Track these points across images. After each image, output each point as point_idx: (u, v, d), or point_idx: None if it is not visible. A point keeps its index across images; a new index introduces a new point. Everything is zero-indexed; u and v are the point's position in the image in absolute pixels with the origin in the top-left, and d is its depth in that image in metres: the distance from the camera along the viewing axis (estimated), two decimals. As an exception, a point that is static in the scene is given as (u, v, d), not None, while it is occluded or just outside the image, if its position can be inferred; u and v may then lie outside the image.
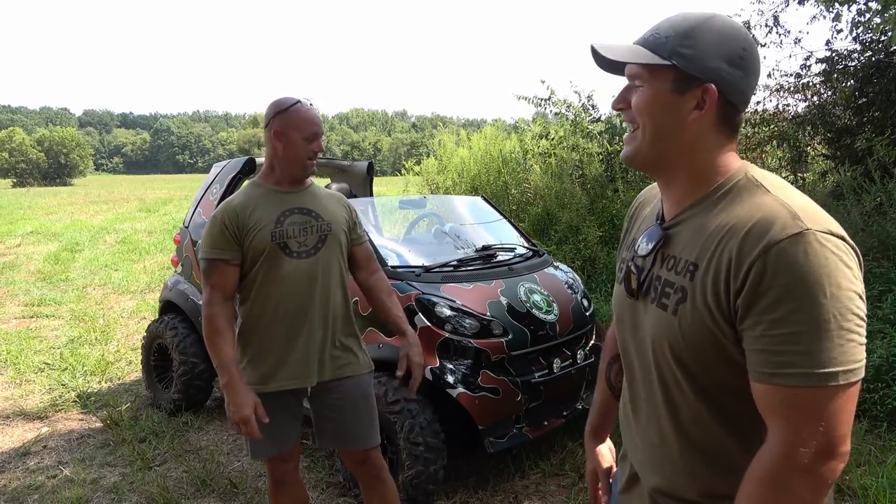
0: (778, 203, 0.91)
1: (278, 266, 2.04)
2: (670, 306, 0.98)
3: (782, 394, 0.86)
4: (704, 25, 0.97)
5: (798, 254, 0.85)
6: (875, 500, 2.74)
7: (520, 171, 8.59)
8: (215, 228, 2.03)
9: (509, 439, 2.91)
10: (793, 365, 0.84)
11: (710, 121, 0.98)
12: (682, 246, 1.00)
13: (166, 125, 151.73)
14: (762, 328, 0.86)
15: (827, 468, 0.85)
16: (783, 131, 6.55)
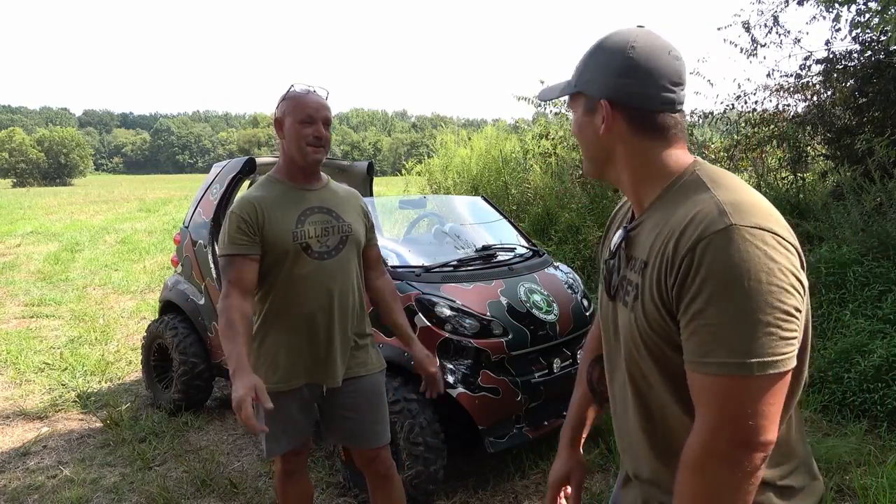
0: (712, 200, 0.94)
1: (300, 267, 2.02)
2: (629, 303, 1.04)
3: (702, 381, 0.90)
4: (598, 49, 1.06)
5: (720, 248, 0.88)
6: (875, 500, 2.74)
7: (520, 171, 8.59)
8: (233, 224, 1.98)
9: (509, 439, 2.91)
10: (713, 354, 0.88)
11: (623, 130, 1.05)
12: (640, 246, 1.05)
13: (166, 125, 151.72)
14: (688, 319, 0.91)
15: (744, 456, 0.87)
16: (783, 131, 6.55)
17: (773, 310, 0.86)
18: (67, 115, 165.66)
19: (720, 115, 7.20)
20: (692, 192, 0.99)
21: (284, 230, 1.99)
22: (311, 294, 2.04)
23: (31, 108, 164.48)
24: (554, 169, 8.02)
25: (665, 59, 1.02)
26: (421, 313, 2.90)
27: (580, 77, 1.09)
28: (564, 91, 1.12)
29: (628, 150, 1.06)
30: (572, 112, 1.13)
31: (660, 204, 1.04)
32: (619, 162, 1.08)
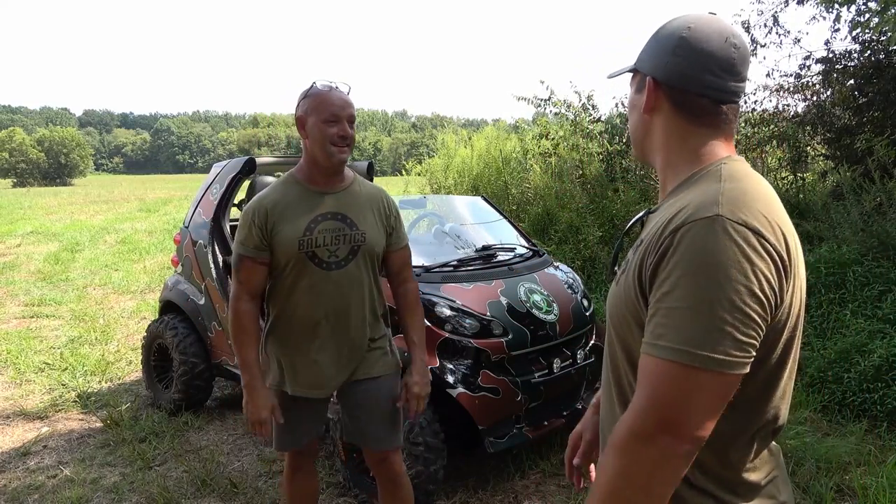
0: (714, 190, 0.92)
1: (306, 276, 1.97)
2: (619, 278, 1.03)
3: (647, 363, 0.88)
4: (661, 29, 1.05)
5: (699, 236, 0.86)
6: (875, 500, 2.74)
7: (520, 171, 8.59)
8: (245, 224, 1.96)
9: (509, 439, 2.91)
10: (663, 338, 0.86)
11: (665, 109, 1.03)
12: (647, 227, 1.04)
13: (166, 125, 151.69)
14: (654, 300, 0.89)
15: (667, 443, 0.85)
16: (783, 131, 6.55)
17: (734, 309, 0.83)
18: (67, 115, 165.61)
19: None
20: (705, 181, 0.97)
21: (291, 237, 1.94)
22: (319, 304, 1.99)
23: (31, 108, 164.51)
24: (554, 169, 8.02)
25: (719, 44, 0.98)
26: (421, 313, 2.90)
27: (639, 56, 1.08)
28: (624, 69, 1.13)
29: (666, 130, 1.04)
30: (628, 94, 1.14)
31: (678, 191, 1.01)
32: (656, 142, 1.07)
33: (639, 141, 1.11)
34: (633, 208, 6.65)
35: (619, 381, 1.04)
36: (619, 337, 1.02)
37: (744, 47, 1.00)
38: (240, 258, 1.98)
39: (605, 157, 7.44)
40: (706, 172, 0.99)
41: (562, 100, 8.03)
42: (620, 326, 1.00)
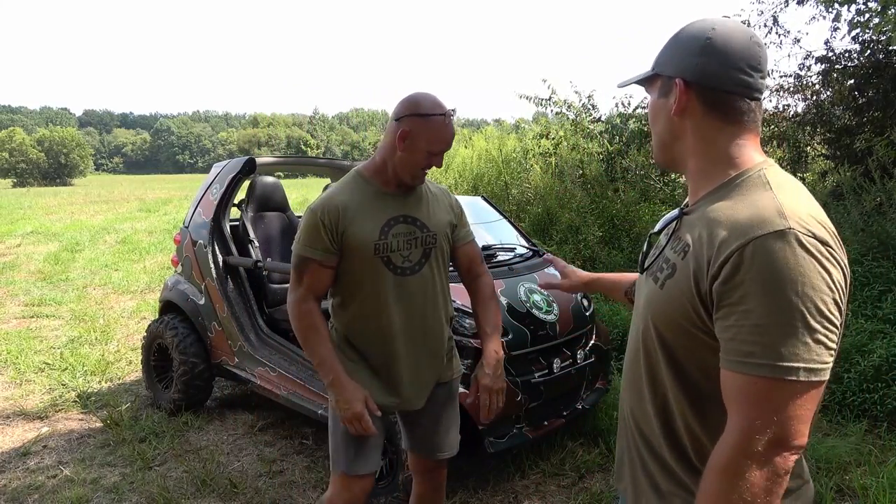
0: (772, 201, 0.94)
1: (381, 282, 1.87)
2: (660, 280, 1.05)
3: (742, 381, 0.89)
4: (679, 33, 1.07)
5: (776, 250, 0.88)
6: (875, 500, 2.74)
7: (520, 171, 8.59)
8: (313, 225, 1.83)
9: (509, 439, 2.91)
10: (756, 355, 0.87)
11: (696, 110, 1.04)
12: (685, 229, 1.05)
13: (166, 125, 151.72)
14: (734, 318, 0.90)
15: (780, 458, 0.87)
16: (783, 131, 6.55)
17: (822, 318, 0.87)
18: (67, 115, 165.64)
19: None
20: (753, 189, 0.98)
21: (367, 241, 1.85)
22: (393, 312, 1.89)
23: (31, 108, 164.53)
24: (554, 169, 8.02)
25: (746, 42, 1.01)
26: (421, 313, 2.90)
27: (657, 61, 1.09)
28: (643, 75, 1.12)
29: (699, 132, 1.05)
30: (649, 97, 1.13)
31: (718, 194, 1.02)
32: (687, 145, 1.07)
33: (667, 146, 1.10)
34: (633, 208, 6.65)
35: (655, 377, 1.07)
36: (662, 339, 1.04)
37: (763, 46, 1.04)
38: (304, 261, 1.85)
39: (606, 157, 7.44)
40: (748, 178, 1.00)
41: (562, 99, 8.04)
42: (669, 330, 1.02)
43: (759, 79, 1.02)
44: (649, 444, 1.10)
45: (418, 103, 1.84)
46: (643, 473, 1.12)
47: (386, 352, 1.93)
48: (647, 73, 1.10)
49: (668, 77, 1.06)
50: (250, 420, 4.00)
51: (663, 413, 1.06)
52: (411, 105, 1.84)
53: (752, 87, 1.01)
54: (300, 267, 1.86)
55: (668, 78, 1.06)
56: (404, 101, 1.87)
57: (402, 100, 1.88)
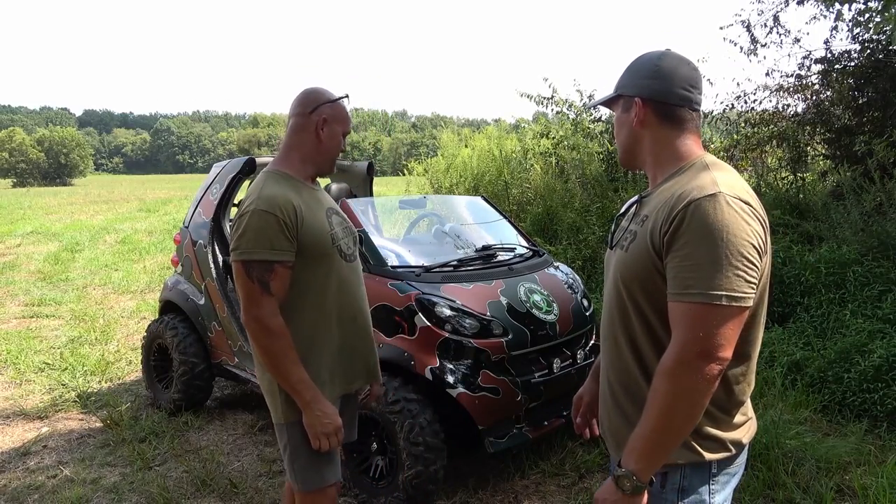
0: (708, 176, 1.23)
1: (338, 270, 1.91)
2: (626, 246, 1.33)
3: (682, 308, 1.16)
4: (634, 63, 1.38)
5: (708, 208, 1.16)
6: (875, 500, 2.74)
7: (520, 170, 8.59)
8: (271, 225, 1.75)
9: (509, 439, 2.91)
10: (692, 287, 1.15)
11: (651, 121, 1.34)
12: (645, 207, 1.34)
13: (166, 125, 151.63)
14: (678, 260, 1.17)
15: (706, 366, 1.14)
16: (783, 131, 6.55)
17: (742, 258, 1.14)
18: (67, 115, 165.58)
19: (720, 114, 7.20)
20: (695, 171, 1.28)
21: (324, 233, 1.87)
22: (349, 298, 1.95)
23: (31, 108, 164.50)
24: (554, 169, 8.01)
25: (684, 68, 1.33)
26: (421, 313, 2.90)
27: (619, 84, 1.39)
28: (607, 97, 1.43)
29: (654, 137, 1.35)
30: (614, 115, 1.43)
31: (671, 179, 1.31)
32: (646, 148, 1.37)
33: (630, 150, 1.41)
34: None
35: (630, 330, 1.31)
36: (630, 293, 1.29)
37: (699, 70, 1.37)
38: (270, 266, 1.76)
39: (606, 157, 7.43)
40: (692, 165, 1.30)
41: (563, 99, 8.03)
42: (632, 284, 1.28)
43: (697, 94, 1.34)
44: (626, 387, 1.33)
45: (322, 93, 1.93)
46: (620, 417, 1.35)
47: (349, 337, 1.96)
48: (612, 95, 1.41)
49: (629, 96, 1.36)
50: (250, 420, 4.00)
51: (638, 355, 1.30)
52: (318, 96, 1.92)
53: (693, 100, 1.33)
54: (266, 276, 1.75)
55: (629, 97, 1.36)
56: (309, 95, 1.92)
57: (303, 96, 1.93)
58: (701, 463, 1.26)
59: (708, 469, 1.27)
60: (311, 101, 1.91)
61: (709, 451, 1.25)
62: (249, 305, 1.76)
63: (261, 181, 1.87)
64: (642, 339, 1.29)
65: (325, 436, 1.82)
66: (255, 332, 1.76)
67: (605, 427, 1.44)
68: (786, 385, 3.91)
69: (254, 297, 1.75)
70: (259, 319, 1.75)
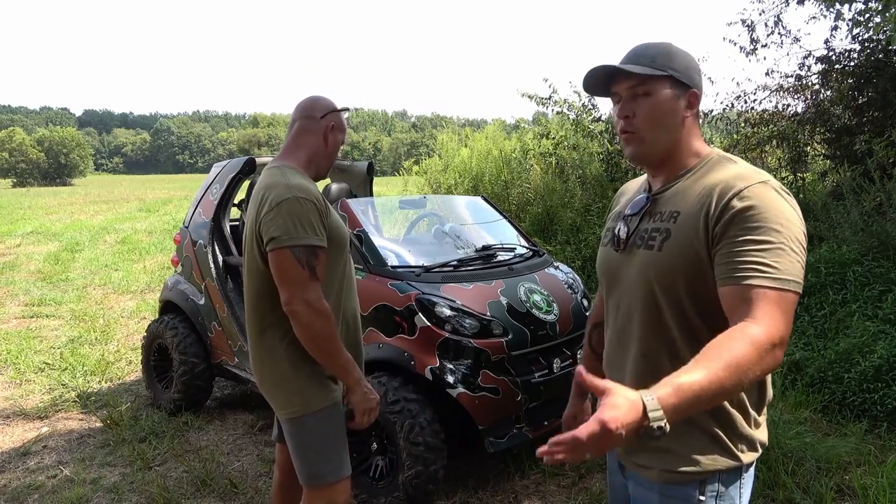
0: (744, 167, 1.24)
1: (350, 265, 2.02)
2: (657, 245, 1.26)
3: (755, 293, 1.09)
4: (673, 49, 1.31)
5: (764, 194, 1.15)
6: (875, 500, 2.74)
7: (520, 171, 8.59)
8: (311, 211, 1.78)
9: (509, 439, 2.91)
10: (765, 272, 1.09)
11: (692, 117, 1.31)
12: (666, 203, 1.29)
13: (166, 125, 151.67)
14: (737, 246, 1.12)
15: (781, 353, 1.08)
16: (782, 131, 6.55)
17: (799, 245, 1.13)
18: (67, 115, 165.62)
19: (720, 114, 7.20)
20: (722, 164, 1.27)
21: (342, 226, 1.96)
22: (355, 293, 2.06)
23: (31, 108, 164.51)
24: (554, 169, 8.02)
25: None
26: (421, 313, 2.90)
27: (668, 65, 1.27)
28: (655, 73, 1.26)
29: (689, 131, 1.31)
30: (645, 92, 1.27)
31: (689, 175, 1.29)
32: (682, 139, 1.30)
33: (665, 140, 1.29)
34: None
35: (667, 337, 1.24)
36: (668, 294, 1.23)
37: None
38: (315, 251, 1.77)
39: (606, 157, 7.44)
40: (711, 160, 1.29)
41: (563, 99, 8.03)
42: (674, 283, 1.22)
43: None
44: None
45: (329, 102, 2.03)
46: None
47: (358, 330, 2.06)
48: (662, 73, 1.26)
49: (685, 85, 1.28)
50: (250, 420, 4.00)
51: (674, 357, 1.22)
52: (328, 103, 2.02)
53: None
54: (313, 261, 1.77)
55: (683, 85, 1.28)
56: (319, 101, 2.01)
57: (313, 101, 2.01)
58: (737, 467, 1.23)
59: (740, 471, 1.24)
60: (321, 107, 2.00)
61: (744, 452, 1.23)
62: (300, 290, 1.75)
63: (280, 173, 1.86)
64: (684, 344, 1.22)
65: (369, 411, 1.91)
66: (307, 316, 1.76)
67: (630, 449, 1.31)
68: (786, 385, 3.92)
69: (303, 282, 1.75)
70: (310, 303, 1.75)
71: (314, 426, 1.88)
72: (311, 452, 1.89)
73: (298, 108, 2.02)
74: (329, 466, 1.90)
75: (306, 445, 1.89)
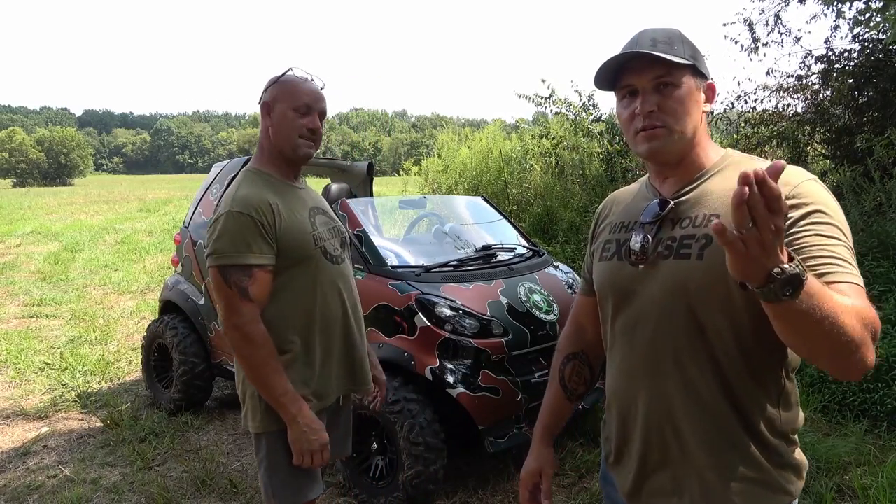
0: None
1: (323, 273, 1.79)
2: (693, 253, 1.11)
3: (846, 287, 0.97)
4: (683, 36, 1.19)
5: (819, 191, 1.06)
6: (875, 500, 2.74)
7: (520, 171, 8.59)
8: (249, 228, 1.65)
9: (509, 439, 2.91)
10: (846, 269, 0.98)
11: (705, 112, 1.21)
12: (694, 207, 1.15)
13: (166, 125, 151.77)
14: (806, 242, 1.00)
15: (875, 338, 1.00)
16: (783, 131, 6.55)
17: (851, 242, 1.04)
18: (67, 115, 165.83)
19: (720, 114, 7.20)
20: (750, 162, 1.16)
21: (304, 232, 1.76)
22: (340, 300, 1.85)
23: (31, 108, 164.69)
24: (554, 169, 8.02)
25: None
26: (421, 313, 2.90)
27: (688, 54, 1.16)
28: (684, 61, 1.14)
29: (704, 127, 1.21)
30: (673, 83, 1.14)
31: (716, 174, 1.17)
32: (700, 137, 1.20)
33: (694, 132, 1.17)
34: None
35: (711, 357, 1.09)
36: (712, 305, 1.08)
37: None
38: (249, 271, 1.65)
39: (605, 157, 7.43)
40: (737, 157, 1.19)
41: (562, 99, 8.03)
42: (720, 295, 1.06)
43: None
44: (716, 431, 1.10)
45: (275, 77, 1.80)
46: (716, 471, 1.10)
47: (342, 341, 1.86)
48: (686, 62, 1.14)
49: (703, 76, 1.18)
50: (250, 420, 4.00)
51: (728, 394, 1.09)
52: (267, 84, 1.80)
53: None
54: (245, 280, 1.64)
55: (702, 76, 1.18)
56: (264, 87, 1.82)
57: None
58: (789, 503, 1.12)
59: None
60: (264, 91, 1.80)
61: (793, 484, 1.11)
62: (229, 313, 1.65)
63: (237, 181, 1.78)
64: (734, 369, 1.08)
65: (310, 453, 1.71)
66: (235, 341, 1.66)
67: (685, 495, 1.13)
68: (786, 385, 3.91)
69: (233, 304, 1.64)
70: (238, 328, 1.64)
71: (270, 446, 1.78)
72: (266, 473, 1.79)
73: None
74: (285, 491, 1.79)
75: (272, 465, 1.78)
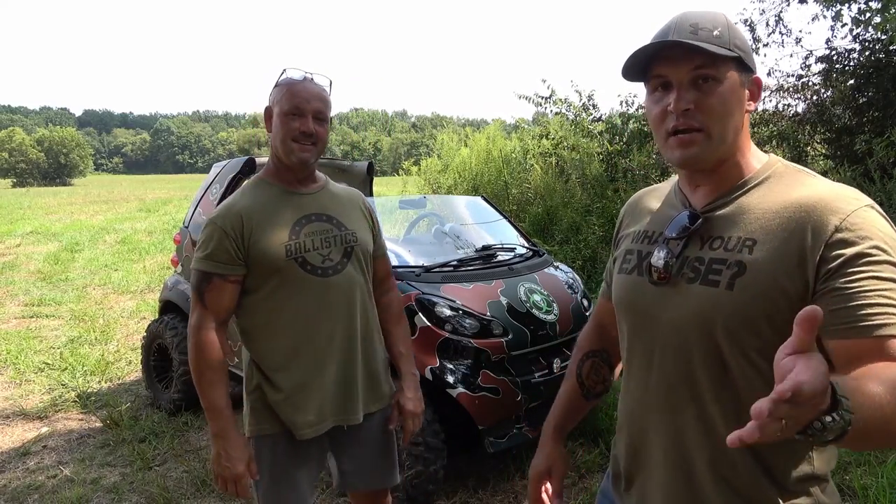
0: (833, 184, 0.96)
1: (298, 286, 1.70)
2: (723, 281, 0.97)
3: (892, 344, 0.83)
4: (730, 22, 1.00)
5: (875, 221, 0.90)
6: (875, 500, 2.74)
7: (520, 171, 8.60)
8: (214, 236, 1.66)
9: (509, 439, 2.91)
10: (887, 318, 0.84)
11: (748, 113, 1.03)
12: (727, 226, 1.00)
13: (166, 125, 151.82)
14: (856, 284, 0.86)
15: None
16: (783, 131, 6.55)
17: None
18: (67, 115, 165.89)
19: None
20: (797, 177, 1.00)
21: (276, 244, 1.67)
22: (317, 319, 1.72)
23: (31, 108, 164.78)
24: (554, 169, 8.02)
25: None
26: (421, 313, 2.90)
27: (734, 42, 0.98)
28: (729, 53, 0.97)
29: (747, 130, 1.04)
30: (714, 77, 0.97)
31: (750, 187, 1.01)
32: (741, 141, 1.03)
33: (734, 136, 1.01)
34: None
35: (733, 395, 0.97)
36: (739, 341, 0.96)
37: None
38: (205, 276, 1.66)
39: (606, 157, 7.43)
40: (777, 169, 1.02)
41: (562, 99, 8.04)
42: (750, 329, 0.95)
43: None
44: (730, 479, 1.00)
45: (276, 81, 1.77)
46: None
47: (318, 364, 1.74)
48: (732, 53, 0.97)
49: (748, 70, 1.00)
50: (250, 420, 4.00)
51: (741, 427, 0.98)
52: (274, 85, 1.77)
53: None
54: (201, 286, 1.67)
55: (748, 69, 1.00)
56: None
57: None
58: None
59: None
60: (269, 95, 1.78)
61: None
62: (190, 316, 1.70)
63: (241, 188, 1.82)
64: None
65: (222, 478, 1.66)
66: (189, 340, 1.68)
67: None
68: (786, 385, 3.91)
69: (193, 307, 1.69)
70: (190, 330, 1.67)
71: (256, 450, 1.75)
72: (262, 478, 1.76)
73: None
74: (266, 498, 1.76)
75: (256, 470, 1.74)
